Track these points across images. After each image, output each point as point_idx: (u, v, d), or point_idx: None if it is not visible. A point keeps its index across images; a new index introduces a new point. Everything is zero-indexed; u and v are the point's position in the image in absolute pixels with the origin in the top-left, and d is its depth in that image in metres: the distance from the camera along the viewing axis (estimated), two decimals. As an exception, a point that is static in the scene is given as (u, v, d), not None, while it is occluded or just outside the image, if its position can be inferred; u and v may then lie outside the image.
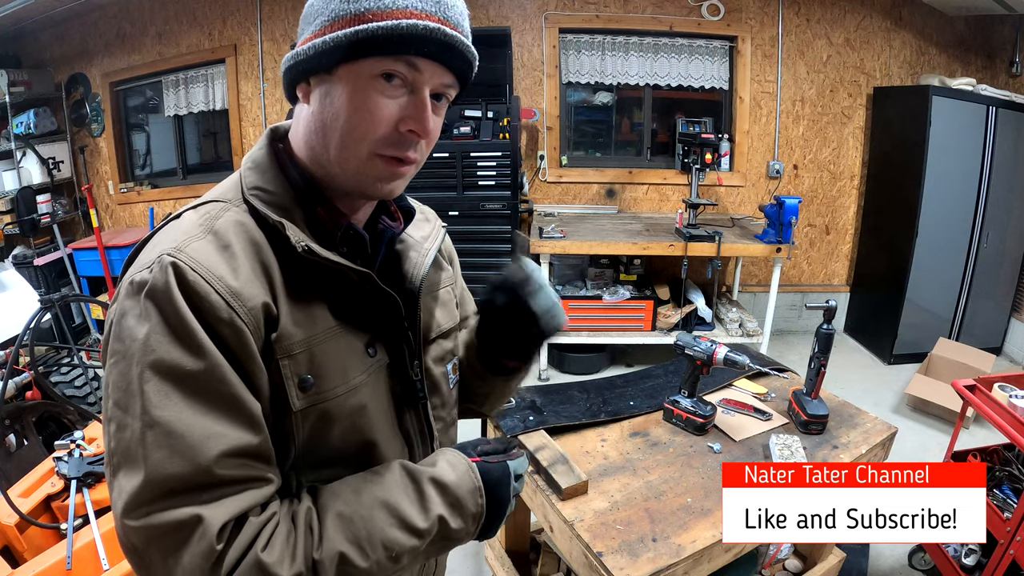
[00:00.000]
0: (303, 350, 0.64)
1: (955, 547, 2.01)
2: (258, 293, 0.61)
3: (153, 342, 0.56)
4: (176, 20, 4.18)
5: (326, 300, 0.67)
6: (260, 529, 0.58)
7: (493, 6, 3.96)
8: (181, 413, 0.56)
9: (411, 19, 0.61)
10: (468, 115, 3.66)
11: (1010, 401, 1.84)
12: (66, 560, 1.44)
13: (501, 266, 0.83)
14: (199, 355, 0.57)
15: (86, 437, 1.77)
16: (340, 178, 0.68)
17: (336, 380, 0.66)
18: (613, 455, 1.44)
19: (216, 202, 0.66)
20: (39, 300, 1.80)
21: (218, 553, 0.55)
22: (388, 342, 0.73)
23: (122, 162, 4.59)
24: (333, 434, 0.67)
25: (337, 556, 0.60)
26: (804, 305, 2.36)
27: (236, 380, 0.59)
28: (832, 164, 4.20)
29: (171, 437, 0.55)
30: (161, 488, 0.55)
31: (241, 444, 0.58)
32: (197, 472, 0.56)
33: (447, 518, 0.68)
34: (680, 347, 1.54)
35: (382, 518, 0.64)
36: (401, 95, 0.64)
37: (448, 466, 0.71)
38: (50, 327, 3.67)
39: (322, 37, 0.62)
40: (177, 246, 0.60)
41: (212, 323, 0.58)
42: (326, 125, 0.65)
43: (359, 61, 0.62)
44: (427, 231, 0.83)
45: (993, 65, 4.01)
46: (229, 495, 0.57)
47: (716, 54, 4.09)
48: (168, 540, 0.55)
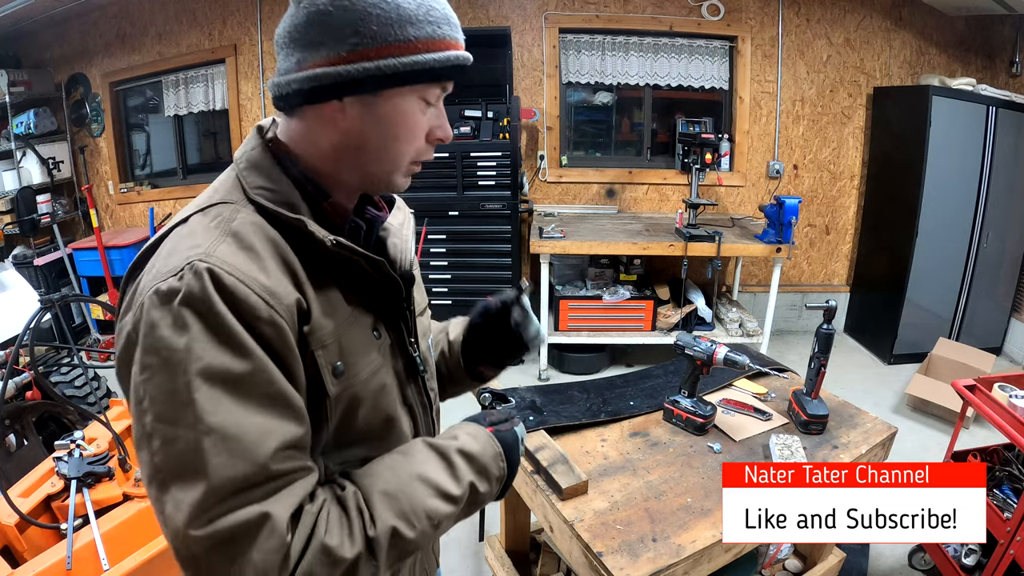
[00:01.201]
0: (333, 340, 0.67)
1: (955, 547, 2.01)
2: (289, 290, 0.63)
3: (198, 350, 0.57)
4: (176, 20, 4.18)
5: (340, 289, 0.70)
6: (316, 517, 0.61)
7: (493, 6, 3.95)
8: (235, 416, 0.57)
9: (453, 50, 0.68)
10: (468, 115, 3.66)
11: (1010, 401, 1.84)
12: (66, 560, 1.44)
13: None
14: (245, 356, 0.58)
15: (86, 437, 1.77)
16: (359, 183, 0.73)
17: (362, 364, 0.70)
18: (613, 455, 1.44)
19: (224, 204, 0.67)
20: (39, 300, 1.79)
21: (287, 545, 0.58)
22: (389, 323, 0.77)
23: (122, 162, 4.59)
24: (360, 415, 0.71)
25: (390, 531, 0.65)
26: (804, 305, 2.36)
27: (280, 376, 0.61)
28: (832, 164, 4.20)
29: (229, 441, 0.56)
30: (225, 492, 0.56)
31: (291, 437, 0.60)
32: (257, 471, 0.57)
33: (476, 483, 0.75)
34: (680, 347, 1.54)
35: (422, 491, 0.69)
36: (427, 108, 0.70)
37: (470, 438, 0.78)
38: (50, 327, 3.68)
39: (370, 61, 0.64)
40: (205, 251, 0.60)
41: (253, 324, 0.59)
42: (367, 144, 0.69)
43: (410, 87, 0.67)
44: (401, 218, 0.88)
45: (993, 65, 4.01)
46: (284, 487, 0.59)
47: (716, 54, 4.09)
48: (236, 543, 0.56)
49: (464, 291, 3.73)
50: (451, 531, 2.79)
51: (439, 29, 0.67)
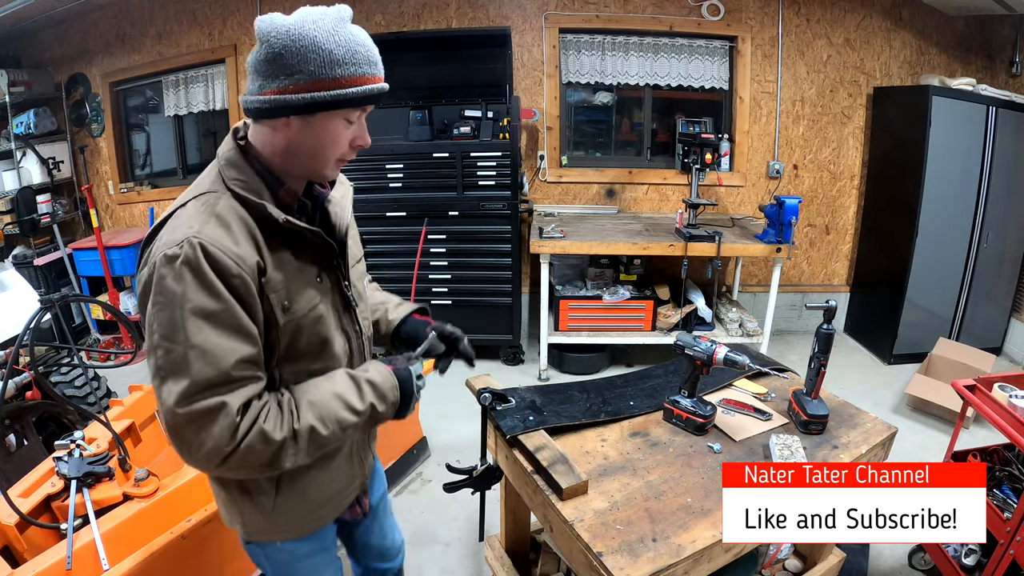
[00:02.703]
0: (283, 287, 0.97)
1: (955, 547, 2.01)
2: (252, 255, 0.93)
3: (189, 294, 0.87)
4: (176, 20, 4.18)
5: (290, 250, 0.99)
6: (260, 410, 0.93)
7: (493, 6, 3.95)
8: (211, 338, 0.88)
9: (372, 84, 0.94)
10: (468, 115, 3.66)
11: (1010, 401, 1.84)
12: (66, 560, 1.44)
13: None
14: (220, 300, 0.88)
15: (86, 437, 1.77)
16: (302, 174, 1.02)
17: (302, 302, 1.01)
18: (613, 455, 1.44)
19: (210, 193, 0.96)
20: (39, 300, 1.79)
21: (236, 424, 0.89)
22: (329, 271, 1.07)
23: (122, 162, 4.60)
24: (302, 338, 1.02)
25: (309, 427, 0.96)
26: (804, 305, 2.36)
27: (243, 314, 0.91)
28: (832, 164, 4.20)
29: (206, 355, 0.87)
30: (200, 387, 0.87)
31: (247, 355, 0.91)
32: (222, 375, 0.89)
33: (376, 404, 1.05)
34: (680, 347, 1.54)
35: (336, 404, 1.00)
36: (349, 125, 0.97)
37: (376, 372, 1.07)
38: (50, 327, 3.68)
39: (307, 93, 0.90)
40: (197, 231, 0.89)
41: (227, 278, 0.89)
42: (303, 149, 0.97)
43: (335, 111, 0.93)
44: (342, 191, 1.17)
45: (993, 65, 4.01)
46: (239, 387, 0.91)
47: (716, 54, 4.09)
48: (203, 419, 0.88)
49: (464, 291, 3.73)
50: (451, 531, 2.79)
51: (360, 68, 0.92)
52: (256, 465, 0.93)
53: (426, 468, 2.80)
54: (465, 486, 1.58)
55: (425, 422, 2.88)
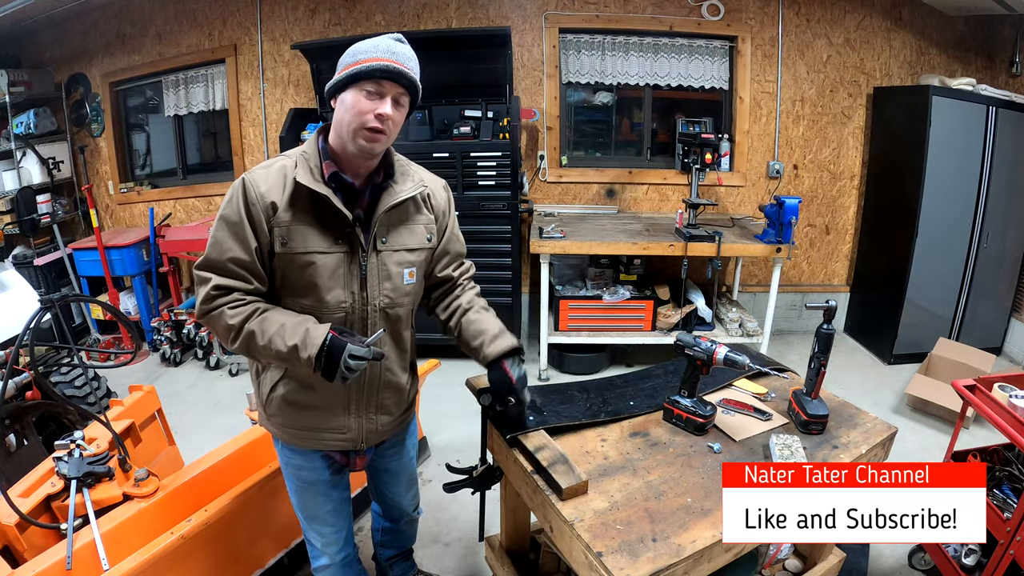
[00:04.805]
0: (286, 226, 1.30)
1: (955, 547, 2.00)
2: (274, 195, 1.29)
3: (225, 206, 1.30)
4: (176, 20, 4.19)
5: (312, 205, 1.31)
6: (236, 299, 1.30)
7: (493, 6, 3.96)
8: (223, 235, 1.29)
9: (376, 62, 1.25)
10: (468, 115, 3.66)
11: (1010, 401, 1.84)
12: (66, 560, 1.44)
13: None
14: (237, 215, 1.28)
15: (86, 437, 1.77)
16: (347, 146, 1.32)
17: (298, 244, 1.31)
18: (613, 455, 1.44)
19: (287, 156, 1.36)
20: (39, 300, 1.79)
21: (211, 295, 1.29)
22: (344, 237, 1.34)
23: (122, 162, 4.60)
24: (294, 273, 1.33)
25: (250, 331, 1.28)
26: (804, 305, 2.36)
27: (249, 230, 1.29)
28: (832, 164, 4.20)
29: (216, 244, 1.29)
30: (206, 262, 1.30)
31: (241, 257, 1.29)
32: (218, 261, 1.29)
33: (299, 347, 1.26)
34: (680, 347, 1.54)
35: (276, 329, 1.28)
36: (377, 100, 1.28)
37: (318, 328, 1.28)
38: (50, 327, 3.67)
39: (339, 75, 1.29)
40: (251, 171, 1.32)
41: (248, 204, 1.29)
42: (341, 120, 1.31)
43: (353, 85, 1.28)
44: (409, 186, 1.41)
45: (993, 65, 4.01)
46: (227, 277, 1.29)
47: (716, 54, 4.09)
48: (200, 283, 1.30)
49: (464, 291, 3.73)
50: (451, 531, 2.79)
51: (373, 55, 1.26)
52: (219, 331, 1.31)
53: (426, 468, 2.80)
54: (465, 486, 1.58)
55: (425, 422, 2.87)
